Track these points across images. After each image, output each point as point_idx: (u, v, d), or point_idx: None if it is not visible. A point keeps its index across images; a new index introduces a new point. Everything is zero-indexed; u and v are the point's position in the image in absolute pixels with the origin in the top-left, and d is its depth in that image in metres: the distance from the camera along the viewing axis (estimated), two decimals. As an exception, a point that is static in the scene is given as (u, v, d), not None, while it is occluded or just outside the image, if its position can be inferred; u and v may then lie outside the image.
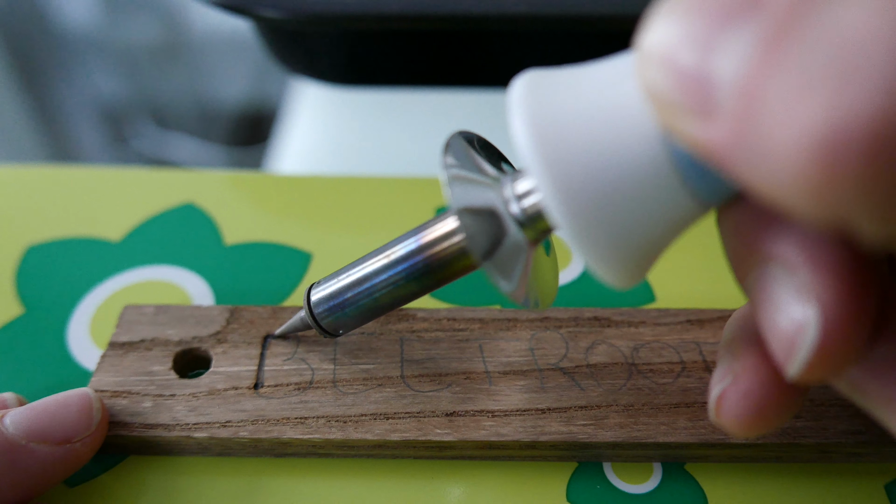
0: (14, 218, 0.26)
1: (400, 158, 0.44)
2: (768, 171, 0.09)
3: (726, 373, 0.14)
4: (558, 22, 0.29)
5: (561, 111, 0.12)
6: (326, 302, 0.19)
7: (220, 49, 0.95)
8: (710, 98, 0.10)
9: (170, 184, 0.28)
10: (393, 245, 0.18)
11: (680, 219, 0.13)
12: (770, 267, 0.12)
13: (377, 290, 0.18)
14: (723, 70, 0.10)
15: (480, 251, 0.15)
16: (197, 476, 0.19)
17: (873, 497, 0.19)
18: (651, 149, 0.12)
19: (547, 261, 0.17)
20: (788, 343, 0.11)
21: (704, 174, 0.12)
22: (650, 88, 0.11)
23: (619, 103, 0.12)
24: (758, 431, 0.14)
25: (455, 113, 0.45)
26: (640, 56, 0.11)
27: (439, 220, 0.17)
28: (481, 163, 0.16)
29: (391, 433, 0.19)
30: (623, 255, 0.13)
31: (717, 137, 0.10)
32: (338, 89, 0.36)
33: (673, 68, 0.10)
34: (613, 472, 0.19)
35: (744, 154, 0.10)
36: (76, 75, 0.96)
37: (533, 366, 0.20)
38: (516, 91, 0.13)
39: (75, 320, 0.23)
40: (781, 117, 0.09)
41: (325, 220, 0.27)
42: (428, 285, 0.18)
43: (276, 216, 0.27)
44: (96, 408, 0.18)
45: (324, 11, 0.29)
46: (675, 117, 0.10)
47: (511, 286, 0.15)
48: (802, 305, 0.11)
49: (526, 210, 0.15)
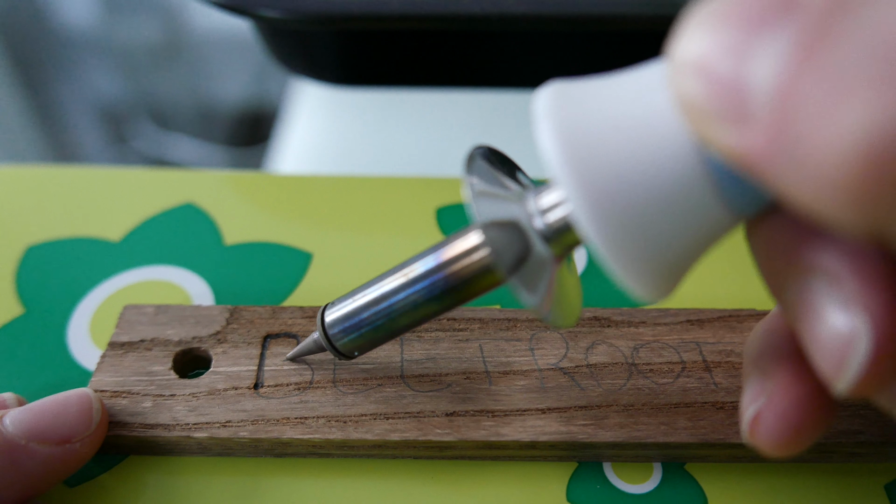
0: (14, 218, 0.26)
1: (400, 158, 0.44)
2: (806, 179, 0.09)
3: (759, 392, 0.14)
4: (558, 22, 0.29)
5: (589, 122, 0.12)
6: (342, 323, 0.18)
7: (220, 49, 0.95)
8: (746, 105, 0.10)
9: (170, 184, 0.28)
10: (411, 263, 0.17)
11: (713, 230, 0.12)
12: (811, 278, 0.11)
13: (395, 311, 0.17)
14: (759, 76, 0.09)
15: (506, 267, 0.14)
16: (197, 476, 0.19)
17: (873, 497, 0.19)
18: (684, 159, 0.12)
19: (570, 277, 0.17)
20: (837, 357, 0.11)
21: (740, 184, 0.12)
22: (684, 98, 0.10)
23: (650, 113, 0.12)
24: (793, 451, 0.13)
25: (455, 113, 0.46)
26: (673, 65, 0.11)
27: (460, 235, 0.16)
28: (502, 178, 0.16)
29: (391, 433, 0.19)
30: (654, 268, 0.13)
31: (753, 145, 0.10)
32: (338, 89, 0.36)
33: (708, 77, 0.10)
34: (613, 472, 0.19)
35: (781, 162, 0.09)
36: (76, 75, 0.96)
37: (533, 366, 0.20)
38: (542, 102, 0.13)
39: (75, 320, 0.23)
40: (820, 123, 0.09)
41: (325, 220, 0.27)
42: (449, 304, 0.17)
43: (276, 216, 0.27)
44: (96, 408, 0.18)
45: (324, 11, 0.29)
46: (710, 126, 0.10)
47: (536, 301, 0.15)
48: (851, 318, 0.11)
49: (551, 224, 0.14)
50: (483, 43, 0.33)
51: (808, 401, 0.13)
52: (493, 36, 0.32)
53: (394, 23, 0.30)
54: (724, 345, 0.21)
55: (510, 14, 0.29)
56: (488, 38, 0.32)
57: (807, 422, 0.13)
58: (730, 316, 0.22)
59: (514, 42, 0.32)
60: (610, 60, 0.32)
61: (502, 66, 0.34)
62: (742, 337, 0.21)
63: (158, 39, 0.94)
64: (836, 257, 0.11)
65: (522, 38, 0.32)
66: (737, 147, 0.10)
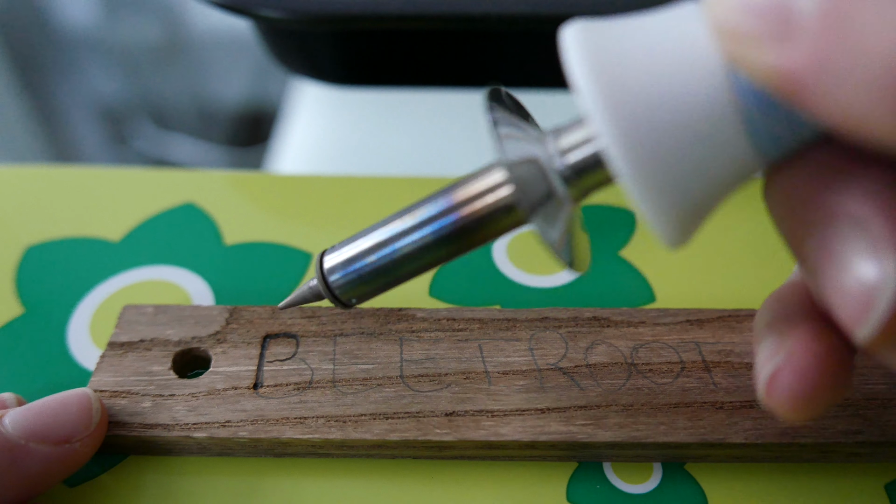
0: (14, 218, 0.26)
1: (400, 158, 0.44)
2: (855, 92, 0.09)
3: (776, 351, 0.13)
4: (558, 22, 0.29)
5: (621, 54, 0.12)
6: (342, 268, 0.17)
7: (220, 49, 0.95)
8: (789, 21, 0.09)
9: (170, 184, 0.28)
10: (421, 204, 0.16)
11: (739, 172, 0.12)
12: (835, 225, 0.11)
13: (401, 256, 0.16)
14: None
15: (529, 205, 0.14)
16: (196, 476, 0.19)
17: (873, 497, 0.19)
18: (716, 93, 0.12)
19: (580, 229, 0.16)
20: (862, 304, 0.11)
21: (771, 121, 0.12)
22: (721, 21, 0.10)
23: (683, 48, 0.12)
24: (811, 413, 0.13)
25: (455, 113, 0.46)
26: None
27: (478, 175, 0.16)
28: (518, 120, 0.15)
29: (390, 433, 0.19)
30: (680, 207, 0.12)
31: (796, 61, 0.09)
32: (338, 89, 0.36)
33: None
34: (613, 472, 0.19)
35: (827, 77, 0.09)
36: (76, 75, 0.96)
37: (532, 366, 0.20)
38: (571, 34, 0.13)
39: (75, 320, 0.23)
40: (870, 30, 0.08)
41: (325, 220, 0.27)
42: (459, 248, 0.16)
43: (276, 216, 0.27)
44: (96, 408, 0.18)
45: (324, 11, 0.29)
46: (750, 47, 0.10)
47: (555, 236, 0.14)
48: (878, 261, 0.10)
49: (573, 165, 0.14)
50: (483, 43, 0.33)
51: (828, 358, 0.13)
52: (493, 36, 0.32)
53: (394, 23, 0.30)
54: (723, 345, 0.21)
55: (510, 14, 0.29)
56: (488, 38, 0.32)
57: (826, 380, 0.13)
58: (729, 316, 0.22)
59: (514, 42, 0.32)
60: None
61: (502, 66, 0.34)
62: (742, 337, 0.21)
63: (158, 39, 0.94)
64: (862, 201, 0.11)
65: (522, 38, 0.32)
66: (778, 66, 0.10)
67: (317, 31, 0.32)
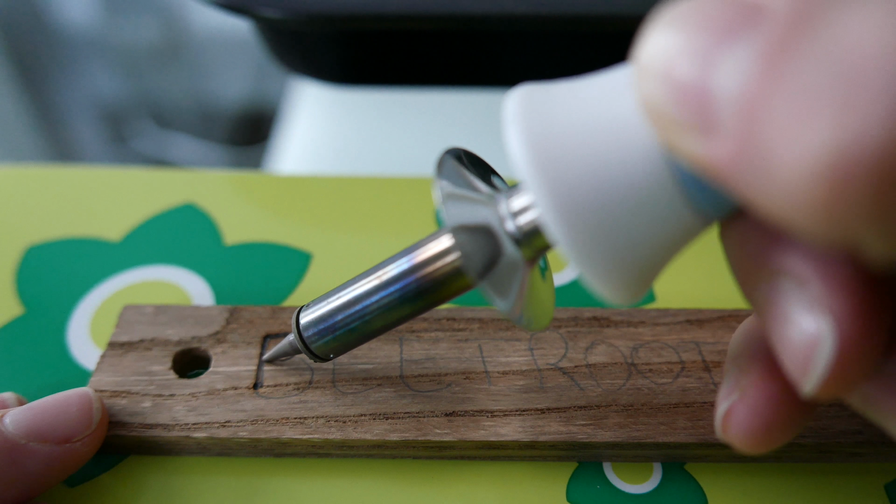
0: (14, 218, 0.26)
1: (400, 158, 0.44)
2: (772, 190, 0.09)
3: (733, 388, 0.14)
4: (558, 22, 0.29)
5: (558, 125, 0.12)
6: (316, 325, 0.18)
7: (220, 49, 0.95)
8: (710, 114, 0.09)
9: (170, 184, 0.28)
10: (384, 265, 0.17)
11: (682, 234, 0.12)
12: (779, 280, 0.12)
13: (369, 313, 0.17)
14: (723, 85, 0.09)
15: (476, 270, 0.14)
16: (196, 476, 0.19)
17: (873, 497, 0.19)
18: (651, 163, 0.12)
19: (543, 283, 0.17)
20: (803, 359, 0.11)
21: (707, 189, 0.12)
22: (648, 103, 0.10)
23: (618, 117, 0.12)
24: (765, 448, 0.13)
25: (455, 113, 0.46)
26: (638, 69, 0.10)
27: (432, 238, 0.16)
28: (473, 180, 0.16)
29: (390, 433, 0.19)
30: (624, 271, 0.13)
31: (718, 154, 0.10)
32: (338, 89, 0.36)
33: (672, 82, 0.10)
34: (613, 472, 0.19)
35: (747, 172, 0.09)
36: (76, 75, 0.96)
37: (532, 366, 0.20)
38: (511, 106, 0.13)
39: (75, 320, 0.23)
40: (785, 136, 0.09)
41: (325, 220, 0.27)
42: (422, 307, 0.17)
43: (276, 216, 0.27)
44: (96, 408, 0.18)
45: (324, 11, 0.29)
46: (675, 133, 0.10)
47: (507, 304, 0.15)
48: (816, 319, 0.11)
49: (522, 227, 0.14)
50: (483, 43, 0.33)
51: (780, 399, 0.13)
52: (493, 36, 0.32)
53: (394, 23, 0.30)
54: (723, 345, 0.21)
55: (510, 14, 0.29)
56: (488, 38, 0.32)
57: (778, 419, 0.13)
58: (729, 316, 0.22)
59: (514, 42, 0.32)
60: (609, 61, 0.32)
61: (502, 66, 0.34)
62: (742, 337, 0.21)
63: (158, 39, 0.94)
64: (803, 261, 0.11)
65: (522, 38, 0.32)
66: (702, 155, 0.10)
67: (317, 31, 0.32)
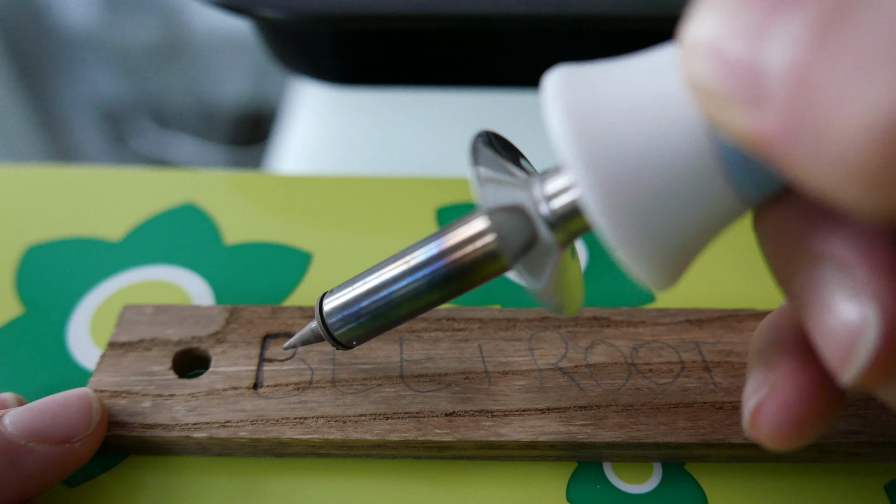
0: (14, 218, 0.26)
1: (400, 158, 0.44)
2: (823, 161, 0.09)
3: (761, 383, 0.13)
4: (559, 22, 0.29)
5: (598, 104, 0.12)
6: (340, 311, 0.18)
7: (220, 49, 0.95)
8: (761, 87, 0.09)
9: (170, 184, 0.28)
10: (412, 250, 0.17)
11: (722, 217, 0.12)
12: (820, 267, 0.11)
13: (396, 299, 0.17)
14: (774, 58, 0.09)
15: (512, 252, 0.14)
16: (196, 476, 0.19)
17: (873, 497, 0.19)
18: (694, 143, 0.12)
19: (573, 266, 0.17)
20: (845, 347, 0.11)
21: (750, 169, 0.11)
22: (696, 80, 0.10)
23: (660, 97, 0.12)
24: (796, 444, 0.13)
25: (455, 113, 0.45)
26: (685, 48, 0.10)
27: (463, 222, 0.16)
28: (506, 163, 0.15)
29: (390, 433, 0.19)
30: (662, 254, 0.12)
31: (767, 127, 0.09)
32: (338, 89, 0.36)
33: (721, 59, 0.10)
34: (613, 472, 0.19)
35: (796, 144, 0.09)
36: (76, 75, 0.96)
37: (532, 366, 0.20)
38: (551, 85, 0.13)
39: (75, 320, 0.23)
40: (837, 104, 0.08)
41: (325, 220, 0.27)
42: (451, 292, 0.17)
43: (276, 216, 0.27)
44: (96, 408, 0.18)
45: (324, 11, 0.29)
46: (723, 109, 0.10)
47: (541, 287, 0.14)
48: (860, 306, 0.10)
49: (556, 211, 0.14)
50: (483, 43, 0.33)
51: (812, 392, 0.13)
52: (493, 36, 0.32)
53: (394, 23, 0.30)
54: (723, 345, 0.21)
55: (510, 14, 0.29)
56: (488, 38, 0.32)
57: (810, 414, 0.13)
58: (729, 316, 0.22)
59: (514, 42, 0.32)
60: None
61: (502, 66, 0.34)
62: (742, 337, 0.21)
63: (158, 39, 0.94)
64: (847, 245, 0.11)
65: (522, 38, 0.32)
66: (750, 130, 0.10)
67: (317, 31, 0.32)
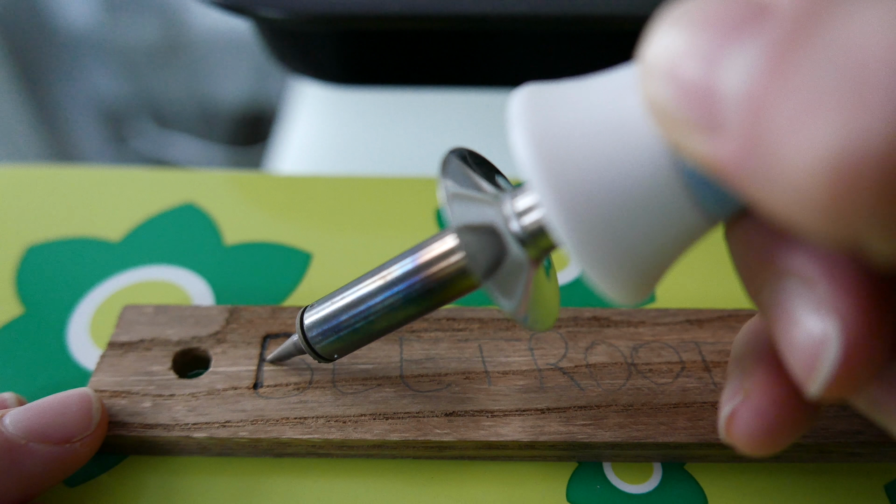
0: (14, 218, 0.26)
1: (400, 158, 0.44)
2: (777, 189, 0.09)
3: (737, 391, 0.14)
4: (558, 22, 0.29)
5: (562, 125, 0.12)
6: (320, 325, 0.18)
7: (220, 49, 0.95)
8: (716, 113, 0.09)
9: (170, 184, 0.28)
10: (389, 266, 0.17)
11: (687, 233, 0.12)
12: (785, 281, 0.12)
13: (373, 313, 0.17)
14: (729, 84, 0.09)
15: (481, 270, 0.14)
16: (196, 476, 0.19)
17: (873, 497, 0.19)
18: (656, 162, 0.12)
19: (548, 282, 0.17)
20: (809, 360, 0.11)
21: (712, 188, 0.12)
22: (654, 102, 0.10)
23: (623, 116, 0.12)
24: (769, 450, 0.13)
25: (455, 113, 0.45)
26: (643, 68, 0.10)
27: (437, 238, 0.16)
28: (478, 180, 0.16)
29: (390, 433, 0.19)
30: (629, 271, 0.13)
31: (723, 154, 0.10)
32: (338, 89, 0.36)
33: (677, 81, 0.10)
34: (613, 472, 0.19)
35: (752, 171, 0.09)
36: (76, 75, 0.96)
37: (532, 366, 0.20)
38: (516, 105, 0.13)
39: (75, 320, 0.23)
40: (790, 136, 0.09)
41: (325, 220, 0.27)
42: (426, 307, 0.17)
43: (276, 216, 0.27)
44: (96, 408, 0.18)
45: (324, 11, 0.29)
46: (680, 132, 0.10)
47: (512, 304, 0.15)
48: (822, 320, 0.11)
49: (527, 227, 0.14)
50: (483, 43, 0.33)
51: (785, 401, 0.13)
52: (493, 36, 0.32)
53: (394, 23, 0.30)
54: (723, 345, 0.21)
55: (510, 14, 0.29)
56: (488, 38, 0.32)
57: (782, 422, 0.13)
58: (729, 316, 0.22)
59: (515, 42, 0.32)
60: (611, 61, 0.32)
61: (502, 66, 0.34)
62: (742, 337, 0.21)
63: (158, 39, 0.94)
64: (810, 261, 0.11)
65: (522, 38, 0.32)
66: (707, 155, 0.10)
67: (317, 31, 0.32)
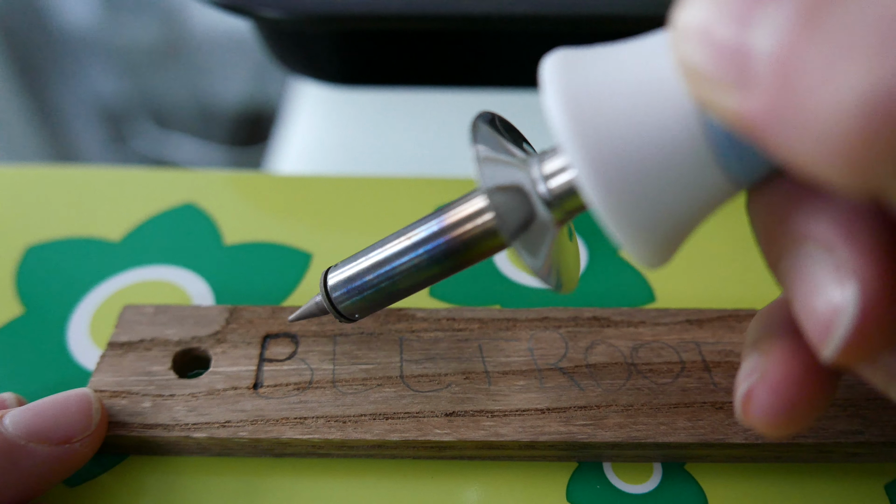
0: (14, 218, 0.26)
1: (400, 158, 0.44)
2: (806, 141, 0.09)
3: (753, 369, 0.14)
4: (558, 22, 0.29)
5: (594, 88, 0.12)
6: (344, 286, 0.18)
7: (220, 49, 0.95)
8: (747, 69, 0.10)
9: (170, 184, 0.28)
10: (414, 227, 0.17)
11: (712, 197, 0.13)
12: (805, 247, 0.12)
13: (397, 274, 0.17)
14: (760, 41, 0.10)
15: (510, 230, 0.15)
16: (196, 476, 0.19)
17: (873, 497, 0.19)
18: (685, 125, 0.12)
19: (570, 245, 0.17)
20: (825, 324, 0.11)
21: (739, 151, 0.12)
22: (686, 63, 0.11)
23: (653, 80, 0.12)
24: (787, 430, 0.13)
25: (455, 113, 0.45)
26: (676, 32, 0.11)
27: (464, 200, 0.17)
28: (506, 143, 0.16)
29: (390, 433, 0.19)
30: (654, 233, 0.13)
31: (754, 109, 0.10)
32: (338, 89, 0.36)
33: (709, 42, 0.10)
34: (613, 472, 0.19)
35: (782, 125, 0.10)
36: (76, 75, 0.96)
37: (532, 366, 0.20)
38: (548, 68, 0.13)
39: (75, 320, 0.23)
40: (820, 86, 0.09)
41: (325, 220, 0.27)
42: (450, 267, 0.17)
43: (276, 216, 0.27)
44: (96, 408, 0.18)
45: (324, 11, 0.29)
46: (712, 91, 0.10)
47: (538, 263, 0.15)
48: (841, 284, 0.11)
49: (553, 190, 0.15)
50: (483, 43, 0.33)
51: (802, 378, 0.13)
52: (493, 36, 0.32)
53: (394, 23, 0.30)
54: (723, 345, 0.21)
55: (510, 14, 0.29)
56: (488, 38, 0.32)
57: (799, 400, 0.13)
58: (729, 316, 0.22)
59: (514, 42, 0.32)
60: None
61: (502, 66, 0.34)
62: (742, 337, 0.21)
63: (158, 39, 0.94)
64: (831, 225, 0.11)
65: (522, 38, 0.32)
66: (738, 111, 0.10)
67: (317, 31, 0.32)
